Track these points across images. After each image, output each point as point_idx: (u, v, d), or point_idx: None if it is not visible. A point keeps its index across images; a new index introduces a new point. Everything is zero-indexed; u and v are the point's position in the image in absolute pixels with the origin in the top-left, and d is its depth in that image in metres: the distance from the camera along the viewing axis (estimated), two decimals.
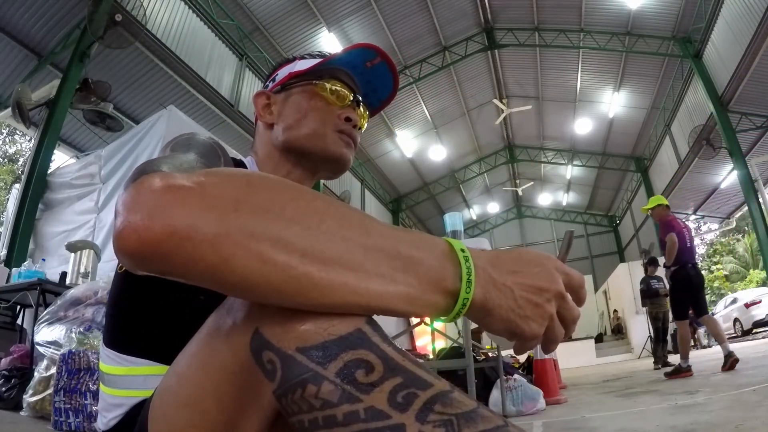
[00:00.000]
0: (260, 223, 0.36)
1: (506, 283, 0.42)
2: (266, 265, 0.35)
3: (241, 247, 0.35)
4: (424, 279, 0.40)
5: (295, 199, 0.39)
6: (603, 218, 19.71)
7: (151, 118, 4.85)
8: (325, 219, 0.38)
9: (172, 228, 0.35)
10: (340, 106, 0.78)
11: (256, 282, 0.36)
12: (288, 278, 0.36)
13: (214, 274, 0.36)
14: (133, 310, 0.65)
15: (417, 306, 0.40)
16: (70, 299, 2.90)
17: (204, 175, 0.39)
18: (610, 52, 11.41)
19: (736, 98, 9.62)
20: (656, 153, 13.95)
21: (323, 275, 0.36)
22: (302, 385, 0.36)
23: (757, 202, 9.32)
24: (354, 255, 0.38)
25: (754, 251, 22.29)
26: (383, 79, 0.84)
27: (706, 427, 1.73)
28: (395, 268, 0.39)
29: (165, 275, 0.38)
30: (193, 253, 0.35)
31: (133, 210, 0.36)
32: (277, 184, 0.40)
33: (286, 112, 0.78)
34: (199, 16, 8.95)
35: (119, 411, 0.62)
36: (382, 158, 15.13)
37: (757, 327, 11.25)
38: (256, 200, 0.37)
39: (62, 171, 5.75)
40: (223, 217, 0.36)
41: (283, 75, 0.81)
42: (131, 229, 0.35)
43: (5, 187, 17.77)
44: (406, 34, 11.49)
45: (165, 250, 0.35)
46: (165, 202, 0.36)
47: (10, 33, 7.08)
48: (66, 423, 2.31)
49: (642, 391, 3.54)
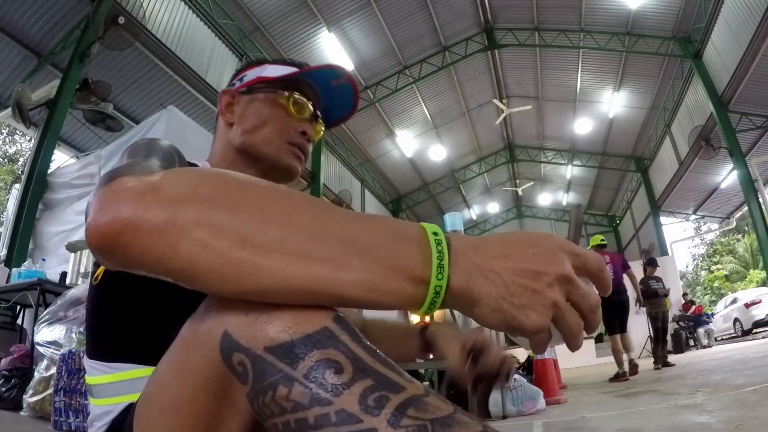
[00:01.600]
0: (204, 212, 0.37)
1: (493, 269, 0.38)
2: (207, 250, 0.36)
3: (185, 234, 0.36)
4: (385, 264, 0.37)
5: (241, 188, 0.39)
6: (603, 218, 19.72)
7: (151, 118, 4.86)
8: (270, 204, 0.38)
9: (126, 221, 0.37)
10: (298, 118, 0.81)
11: (199, 267, 0.36)
12: (227, 262, 0.36)
13: (162, 261, 0.37)
14: (112, 318, 0.66)
15: (378, 293, 0.37)
16: (70, 299, 2.90)
17: (159, 175, 0.40)
18: (610, 52, 11.41)
19: (736, 98, 9.63)
20: (656, 153, 13.96)
21: (263, 260, 0.36)
22: (273, 387, 0.35)
23: (757, 202, 9.33)
24: (297, 238, 0.37)
25: (754, 251, 22.29)
26: (345, 98, 0.87)
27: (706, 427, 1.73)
28: (347, 252, 0.37)
29: (130, 268, 0.39)
30: (145, 243, 0.37)
31: (96, 210, 0.39)
32: (226, 175, 0.40)
33: (247, 116, 0.81)
34: (199, 16, 8.95)
35: (108, 418, 0.63)
36: (382, 158, 15.13)
37: (757, 327, 11.26)
38: (203, 191, 0.38)
39: (62, 171, 5.75)
40: (171, 208, 0.37)
41: (251, 77, 0.84)
42: (94, 225, 0.38)
43: (5, 187, 17.77)
44: (406, 34, 11.49)
45: (123, 242, 0.37)
46: (122, 199, 0.38)
47: (10, 33, 7.08)
48: (66, 423, 2.31)
49: (642, 391, 3.54)
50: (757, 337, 10.15)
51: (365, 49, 11.37)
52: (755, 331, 11.22)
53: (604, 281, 0.42)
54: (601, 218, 19.73)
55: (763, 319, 11.17)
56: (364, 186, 14.89)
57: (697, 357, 7.30)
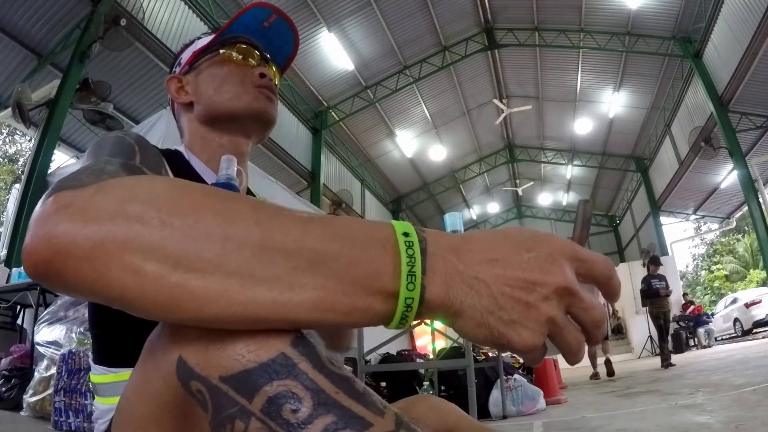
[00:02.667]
0: (134, 230, 0.32)
1: (479, 276, 0.33)
2: (139, 277, 0.31)
3: (114, 260, 0.31)
4: (344, 278, 0.32)
5: (172, 198, 0.33)
6: (603, 218, 19.72)
7: (151, 118, 4.85)
8: (204, 216, 0.33)
9: (55, 246, 0.32)
10: (251, 66, 0.79)
11: (133, 296, 0.32)
12: (161, 290, 0.31)
13: (95, 290, 0.32)
14: (111, 326, 0.66)
15: (338, 313, 0.32)
16: (70, 299, 2.90)
17: (93, 188, 0.35)
18: (610, 52, 11.41)
19: (736, 98, 9.63)
20: (656, 153, 13.96)
21: (198, 283, 0.31)
22: (231, 421, 0.32)
23: (757, 202, 9.33)
24: (236, 256, 0.32)
25: (754, 251, 22.29)
26: (284, 36, 0.85)
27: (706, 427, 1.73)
28: (297, 267, 0.32)
29: (72, 296, 0.36)
30: (76, 270, 0.32)
31: (30, 232, 0.34)
32: (160, 185, 0.35)
33: (202, 86, 0.79)
34: (199, 16, 8.95)
35: (110, 416, 0.63)
36: (382, 158, 15.13)
37: (757, 327, 11.26)
38: (132, 207, 0.33)
39: (62, 171, 5.75)
40: (99, 229, 0.32)
41: (187, 56, 0.82)
42: (26, 251, 0.33)
43: (5, 187, 17.77)
44: (406, 34, 11.49)
45: (55, 269, 0.33)
46: (53, 221, 0.33)
47: (10, 33, 7.09)
48: (66, 423, 2.31)
49: (642, 391, 3.54)
50: (757, 337, 10.15)
51: (365, 49, 11.37)
52: (755, 331, 11.21)
53: (614, 288, 0.36)
54: (601, 218, 19.73)
55: (763, 319, 11.17)
56: (364, 186, 14.89)
57: (697, 357, 7.29)
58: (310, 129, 12.29)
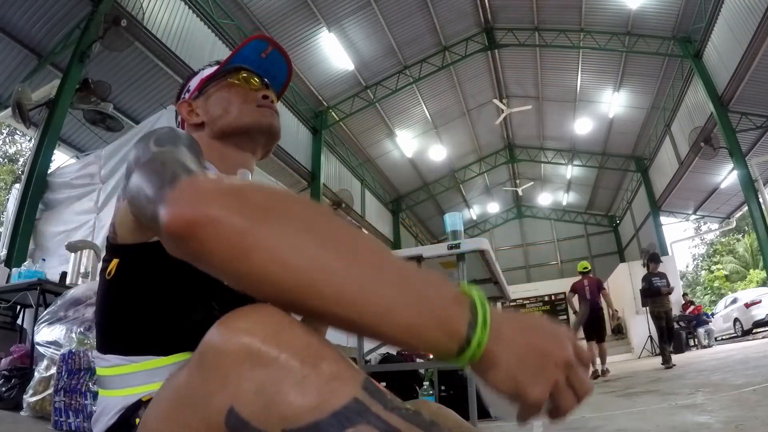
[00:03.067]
0: (283, 227, 0.39)
1: (516, 340, 0.41)
2: (278, 263, 0.37)
3: (262, 242, 0.38)
4: (437, 317, 0.39)
5: (312, 214, 0.41)
6: (603, 218, 19.71)
7: (151, 118, 4.86)
8: (339, 233, 0.41)
9: (211, 218, 0.39)
10: (254, 89, 0.88)
11: (267, 275, 0.37)
12: (293, 278, 0.37)
13: (232, 261, 0.38)
14: (127, 313, 0.65)
15: (420, 341, 0.39)
16: (70, 299, 2.90)
17: (240, 182, 0.44)
18: (610, 52, 11.41)
19: (736, 98, 9.62)
20: (656, 153, 13.96)
21: (330, 283, 0.37)
22: None
23: (757, 202, 9.32)
24: (365, 272, 0.39)
25: (754, 251, 22.29)
26: (279, 65, 0.95)
27: (706, 427, 1.73)
28: (406, 299, 0.39)
29: (196, 260, 0.41)
30: (224, 241, 0.38)
31: (179, 200, 0.41)
32: (298, 199, 0.43)
33: (212, 108, 0.86)
34: (199, 16, 8.95)
35: (116, 410, 0.62)
36: (382, 158, 15.13)
37: (757, 327, 11.26)
38: (282, 207, 0.41)
39: (62, 171, 5.75)
40: (254, 216, 0.39)
41: (195, 83, 0.91)
42: (178, 213, 0.40)
43: (5, 187, 17.77)
44: (406, 34, 11.48)
45: (202, 235, 0.39)
46: (209, 197, 0.41)
47: (10, 33, 7.08)
48: (66, 423, 2.31)
49: (642, 391, 3.54)
50: (757, 337, 10.15)
51: (365, 49, 11.36)
52: (755, 331, 11.21)
53: (587, 371, 0.45)
54: (601, 218, 19.73)
55: (763, 319, 11.16)
56: (364, 186, 14.89)
57: (697, 357, 7.29)
58: (310, 129, 12.29)
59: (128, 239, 0.66)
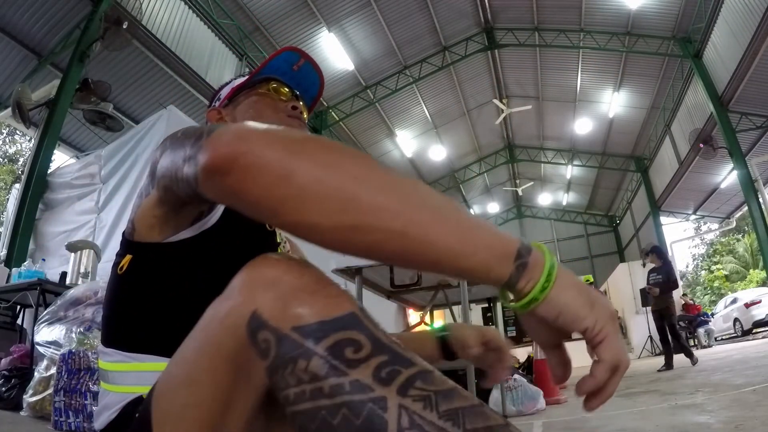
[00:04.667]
0: (319, 152, 0.42)
1: (573, 279, 0.46)
2: (321, 183, 0.40)
3: (304, 164, 0.41)
4: (499, 247, 0.43)
5: (352, 150, 0.44)
6: (603, 218, 19.71)
7: (151, 118, 4.85)
8: (388, 169, 0.44)
9: (249, 149, 0.42)
10: (284, 100, 0.88)
11: (311, 195, 0.40)
12: (338, 192, 0.40)
13: (275, 187, 0.41)
14: (135, 308, 0.66)
15: (484, 266, 0.42)
16: (70, 299, 2.90)
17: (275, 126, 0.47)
18: (610, 52, 11.41)
19: (736, 98, 9.62)
20: (656, 153, 13.95)
21: (374, 195, 0.41)
22: (294, 361, 0.39)
23: (757, 202, 9.32)
24: (405, 185, 0.42)
25: (754, 251, 22.29)
26: (310, 78, 0.95)
27: (706, 427, 1.73)
28: (469, 229, 0.42)
29: (235, 194, 0.44)
30: (263, 168, 0.41)
31: (218, 140, 0.44)
32: (335, 142, 0.46)
33: (240, 117, 0.87)
34: (199, 16, 8.95)
35: (119, 406, 0.62)
36: (382, 158, 15.11)
37: (757, 327, 11.25)
38: (322, 141, 0.44)
39: (62, 171, 5.74)
40: (292, 146, 0.42)
41: (226, 92, 0.91)
42: (214, 148, 0.44)
43: (5, 187, 17.77)
44: (406, 34, 11.48)
45: (242, 164, 0.42)
46: (247, 134, 0.44)
47: (10, 33, 7.09)
48: (66, 423, 2.31)
49: (642, 391, 3.54)
50: (757, 337, 10.15)
51: (365, 49, 11.37)
52: (755, 331, 11.21)
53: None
54: (601, 218, 19.72)
55: (763, 319, 11.16)
56: None
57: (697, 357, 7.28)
58: (310, 129, 12.29)
59: (145, 237, 0.66)
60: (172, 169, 0.53)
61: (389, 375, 0.38)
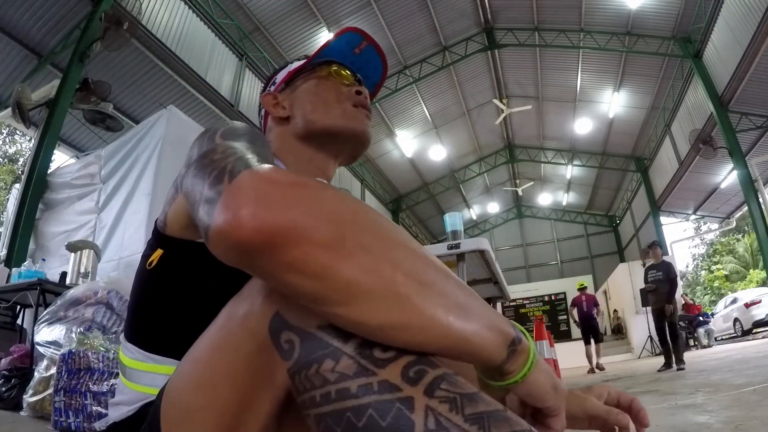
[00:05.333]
0: (368, 237, 0.39)
1: (543, 365, 0.46)
2: (372, 276, 0.37)
3: (353, 254, 0.37)
4: (495, 329, 0.42)
5: (389, 227, 0.42)
6: (603, 218, 19.70)
7: (151, 118, 4.85)
8: (419, 252, 0.41)
9: (293, 225, 0.36)
10: (347, 84, 0.81)
11: (360, 289, 0.37)
12: (389, 292, 0.37)
13: (324, 275, 0.37)
14: (161, 307, 0.64)
15: (481, 349, 0.41)
16: (70, 299, 2.90)
17: (313, 181, 0.41)
18: (610, 52, 11.41)
19: (736, 98, 9.62)
20: (656, 153, 13.95)
21: (420, 297, 0.38)
22: (319, 361, 0.38)
23: (757, 202, 9.32)
24: (454, 292, 0.41)
25: (754, 251, 22.29)
26: (373, 63, 0.88)
27: (706, 427, 1.73)
28: (473, 314, 0.41)
29: (269, 272, 0.38)
30: (309, 252, 0.36)
31: (248, 199, 0.38)
32: (370, 210, 0.42)
33: (299, 102, 0.80)
34: (199, 16, 8.95)
35: (137, 405, 0.62)
36: (382, 158, 15.13)
37: (757, 327, 11.25)
38: (363, 216, 0.40)
39: (62, 171, 5.74)
40: (340, 227, 0.38)
41: (282, 76, 0.84)
42: (251, 217, 0.36)
43: (5, 187, 17.77)
44: (406, 34, 11.48)
45: (280, 243, 0.36)
46: (288, 198, 0.38)
47: (10, 33, 7.08)
48: (66, 423, 2.31)
49: (642, 391, 3.54)
50: (757, 337, 10.15)
51: None
52: (755, 331, 11.21)
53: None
54: (601, 218, 19.72)
55: (763, 319, 11.16)
56: (364, 186, 14.89)
57: (697, 357, 7.29)
58: None
59: (178, 233, 0.64)
60: (191, 200, 0.47)
61: (417, 375, 0.38)
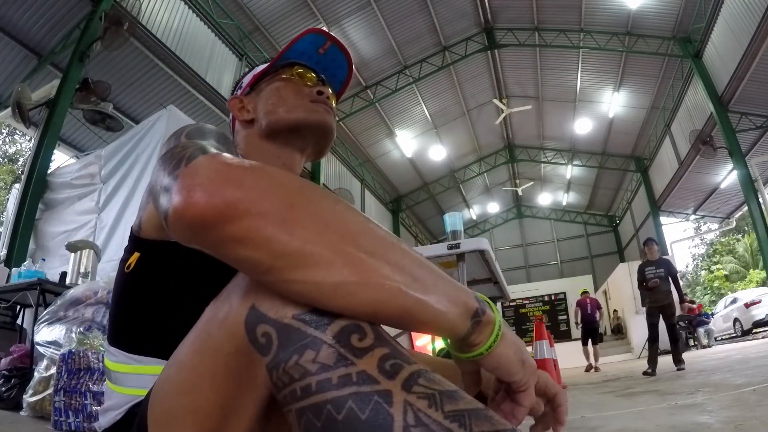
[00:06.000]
0: (311, 208, 0.40)
1: (512, 337, 0.48)
2: (320, 242, 0.38)
3: (301, 222, 0.38)
4: (458, 298, 0.43)
5: (344, 205, 0.43)
6: (603, 218, 19.70)
7: (151, 118, 4.85)
8: (377, 228, 0.43)
9: (241, 197, 0.38)
10: (309, 85, 0.83)
11: (310, 254, 0.38)
12: (340, 256, 0.38)
13: (272, 243, 0.38)
14: (140, 308, 0.65)
15: (442, 317, 0.42)
16: (70, 299, 2.90)
17: (251, 163, 0.42)
18: (610, 52, 11.41)
19: (736, 98, 9.62)
20: (656, 153, 13.96)
21: (373, 258, 0.39)
22: (300, 351, 0.38)
23: (757, 202, 9.32)
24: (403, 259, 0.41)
25: (754, 251, 22.29)
26: (338, 62, 0.88)
27: (706, 427, 1.73)
28: (434, 284, 0.42)
29: (218, 247, 0.40)
30: (254, 223, 0.38)
31: (200, 179, 0.39)
32: (304, 181, 0.43)
33: (262, 104, 0.82)
34: (199, 16, 8.95)
35: (124, 408, 0.62)
36: (382, 158, 15.13)
37: (757, 327, 11.25)
38: (307, 189, 0.41)
39: (62, 171, 5.74)
40: (287, 198, 0.39)
41: (248, 80, 0.86)
42: (202, 193, 0.38)
43: (5, 187, 17.77)
44: (406, 34, 11.48)
45: (228, 216, 0.38)
46: (238, 175, 0.40)
47: (10, 33, 7.08)
48: (66, 423, 2.31)
49: (642, 391, 3.54)
50: (757, 337, 10.15)
51: (365, 49, 11.36)
52: (755, 331, 11.21)
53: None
54: (601, 218, 19.72)
55: (763, 319, 11.16)
56: (363, 186, 14.89)
57: (697, 357, 7.29)
58: None
59: (152, 235, 0.65)
60: (154, 194, 0.48)
61: (393, 368, 0.37)
